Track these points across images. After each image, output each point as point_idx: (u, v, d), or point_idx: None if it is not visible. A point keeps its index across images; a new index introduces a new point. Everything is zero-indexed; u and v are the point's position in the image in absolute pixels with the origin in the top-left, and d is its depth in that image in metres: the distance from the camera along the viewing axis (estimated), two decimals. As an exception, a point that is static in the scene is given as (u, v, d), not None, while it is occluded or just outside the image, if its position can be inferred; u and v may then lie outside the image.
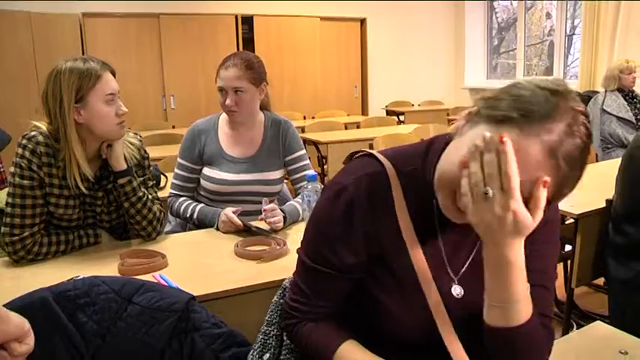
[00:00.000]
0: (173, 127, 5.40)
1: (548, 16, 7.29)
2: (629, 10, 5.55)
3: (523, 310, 0.84)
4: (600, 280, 2.40)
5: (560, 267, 2.62)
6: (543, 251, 0.95)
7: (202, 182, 2.06)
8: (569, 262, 2.25)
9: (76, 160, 1.60)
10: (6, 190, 1.64)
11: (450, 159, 0.85)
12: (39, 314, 1.02)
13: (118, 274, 1.49)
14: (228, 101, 1.97)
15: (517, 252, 0.81)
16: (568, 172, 0.78)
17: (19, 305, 0.99)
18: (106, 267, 1.54)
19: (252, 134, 2.09)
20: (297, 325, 1.02)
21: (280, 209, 1.88)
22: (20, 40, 5.22)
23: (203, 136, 2.06)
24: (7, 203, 1.60)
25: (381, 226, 0.93)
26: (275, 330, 1.09)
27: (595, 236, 2.07)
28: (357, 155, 1.02)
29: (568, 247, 2.13)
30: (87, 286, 1.08)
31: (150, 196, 1.79)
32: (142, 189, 1.77)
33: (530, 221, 0.78)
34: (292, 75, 6.67)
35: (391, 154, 0.98)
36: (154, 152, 3.29)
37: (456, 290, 0.95)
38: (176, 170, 2.09)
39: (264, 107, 2.14)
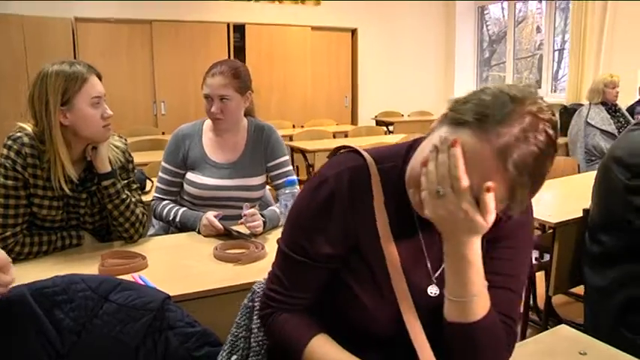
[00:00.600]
0: (163, 133, 5.41)
1: (539, 30, 7.39)
2: (613, 27, 5.71)
3: (479, 305, 0.86)
4: (581, 290, 2.44)
5: (541, 276, 2.65)
6: (512, 256, 0.97)
7: (185, 187, 2.08)
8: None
9: (61, 162, 1.62)
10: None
11: (417, 158, 0.88)
12: (15, 309, 1.03)
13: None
14: (213, 109, 2.00)
15: (472, 250, 0.84)
16: (517, 177, 0.78)
17: (-5, 299, 1.00)
18: (87, 267, 1.55)
19: (236, 140, 2.11)
20: (272, 315, 1.01)
21: (261, 214, 1.91)
22: (12, 42, 5.22)
23: (187, 141, 2.08)
24: (-11, 202, 1.61)
25: (359, 218, 0.95)
26: (243, 332, 1.09)
27: (572, 245, 2.11)
28: (341, 150, 1.04)
29: (547, 257, 2.16)
30: (65, 284, 1.10)
31: (133, 199, 1.81)
32: (126, 191, 1.78)
33: (482, 222, 0.80)
34: (282, 84, 6.70)
35: (374, 151, 1.01)
36: (142, 157, 3.31)
37: (433, 289, 0.96)
38: (160, 174, 2.10)
39: (248, 114, 2.16)
